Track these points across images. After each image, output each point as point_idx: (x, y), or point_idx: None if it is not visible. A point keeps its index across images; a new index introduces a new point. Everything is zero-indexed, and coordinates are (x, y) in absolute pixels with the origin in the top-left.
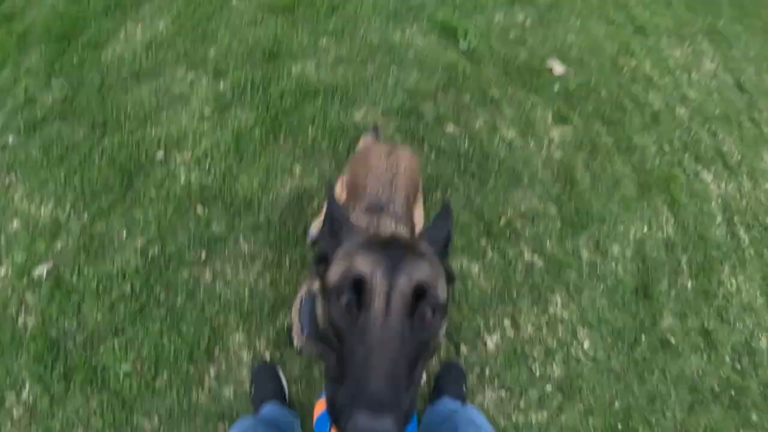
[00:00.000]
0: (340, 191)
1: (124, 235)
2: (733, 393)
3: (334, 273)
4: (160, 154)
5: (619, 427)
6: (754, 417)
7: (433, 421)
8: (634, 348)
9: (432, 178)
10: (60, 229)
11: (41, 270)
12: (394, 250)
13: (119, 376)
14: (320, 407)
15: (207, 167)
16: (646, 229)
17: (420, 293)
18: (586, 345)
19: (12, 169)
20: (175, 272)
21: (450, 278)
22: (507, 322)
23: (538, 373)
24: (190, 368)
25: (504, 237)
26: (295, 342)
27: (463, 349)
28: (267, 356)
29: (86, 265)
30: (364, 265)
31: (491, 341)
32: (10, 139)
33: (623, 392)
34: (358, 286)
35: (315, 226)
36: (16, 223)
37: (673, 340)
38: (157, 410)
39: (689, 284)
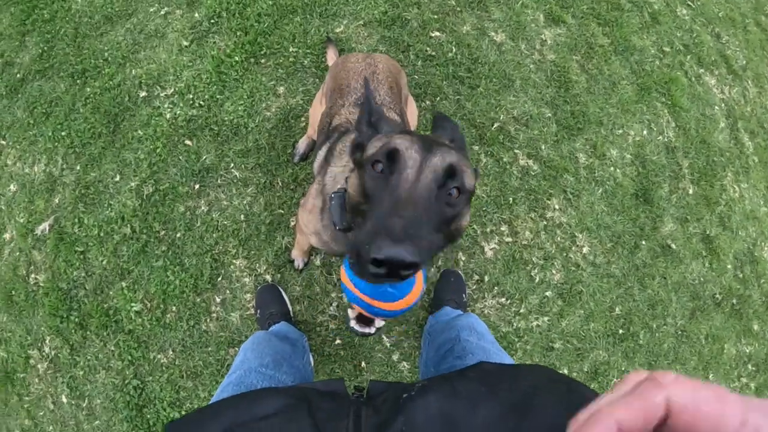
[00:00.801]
0: (319, 102)
1: (118, 178)
2: (734, 301)
3: (371, 149)
4: (143, 93)
5: (620, 332)
6: (755, 326)
7: (434, 329)
8: (634, 253)
9: (420, 86)
10: (55, 183)
11: (43, 227)
12: (427, 139)
13: (131, 316)
14: (344, 274)
15: (191, 100)
16: (645, 133)
17: (450, 173)
18: (585, 250)
19: (1, 135)
20: (171, 207)
21: (476, 173)
22: (504, 228)
23: (537, 279)
24: (197, 299)
25: (497, 142)
26: (294, 259)
27: (461, 256)
28: (268, 278)
29: (85, 214)
30: (401, 142)
31: (489, 248)
32: None
33: (624, 297)
34: (393, 156)
35: (301, 142)
36: (13, 187)
37: (674, 246)
38: (170, 344)
39: (691, 190)
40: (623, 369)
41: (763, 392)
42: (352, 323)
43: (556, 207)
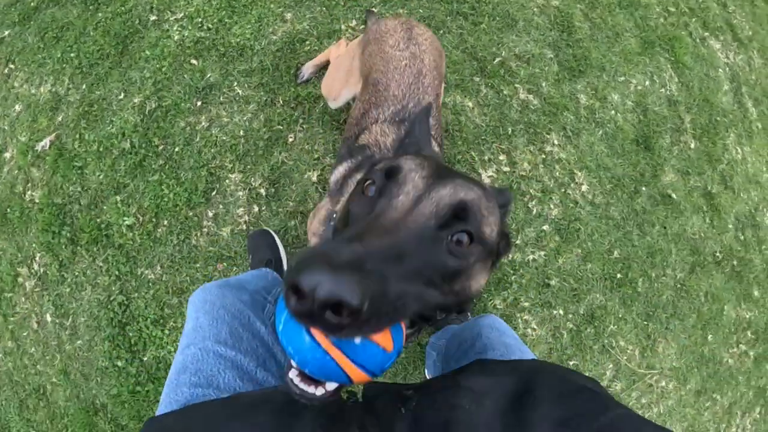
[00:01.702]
0: (345, 71)
1: (122, 96)
2: (735, 263)
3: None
4: (153, 17)
5: (618, 276)
6: (755, 293)
7: (454, 330)
8: (634, 198)
9: (424, 19)
10: (60, 102)
11: (44, 143)
12: (448, 169)
13: (122, 230)
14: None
15: (200, 23)
16: (647, 83)
17: (460, 213)
18: (584, 188)
19: (10, 59)
20: (171, 123)
21: (506, 241)
22: (502, 158)
23: (534, 211)
24: (189, 213)
25: (498, 76)
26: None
27: None
28: (262, 192)
29: (87, 130)
30: (407, 162)
31: (486, 175)
32: (6, 33)
33: (622, 241)
34: (390, 175)
35: (308, 66)
36: (18, 107)
37: (674, 196)
38: (159, 259)
39: (692, 144)
40: (620, 316)
41: (761, 363)
42: (292, 374)
43: (555, 142)
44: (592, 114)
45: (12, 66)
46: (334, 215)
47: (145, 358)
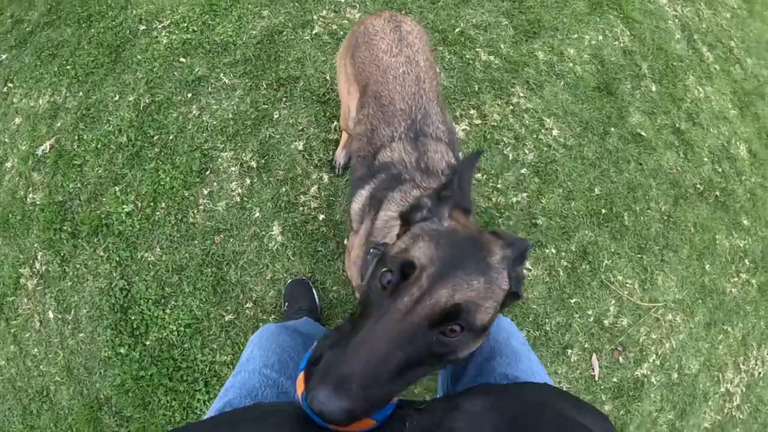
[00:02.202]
0: (346, 90)
1: (117, 97)
2: (718, 194)
3: (398, 246)
4: (142, 27)
5: (603, 211)
6: (745, 221)
7: None
8: (605, 138)
9: (385, 4)
10: (58, 110)
11: (44, 147)
12: (461, 251)
13: (122, 217)
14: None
15: (185, 27)
16: (601, 38)
17: (451, 315)
18: (555, 132)
19: (8, 79)
20: (165, 115)
21: (515, 296)
22: (473, 112)
23: (511, 157)
24: (185, 193)
25: (459, 43)
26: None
27: None
28: (253, 165)
29: (85, 131)
30: (421, 254)
31: (460, 129)
32: (4, 56)
33: (601, 179)
34: (406, 271)
35: (339, 152)
36: (17, 120)
37: (644, 134)
38: (158, 241)
39: (654, 87)
40: (613, 251)
41: (765, 292)
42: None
43: (521, 95)
44: (552, 68)
45: (11, 85)
46: (370, 250)
47: (148, 342)
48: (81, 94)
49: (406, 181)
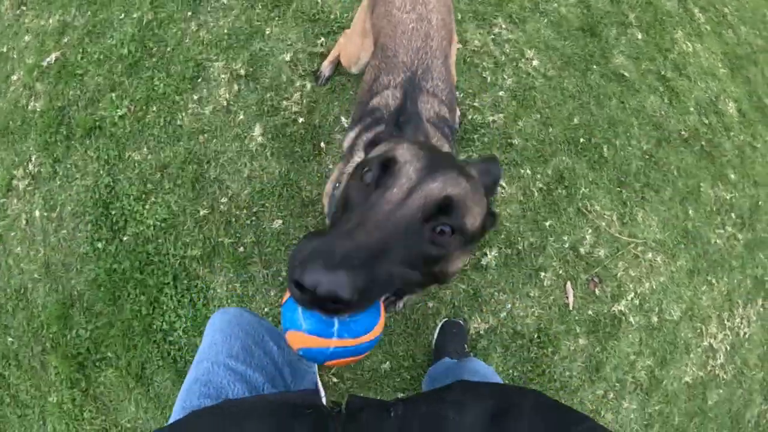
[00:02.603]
0: (359, 33)
1: (123, 16)
2: (704, 143)
3: (375, 152)
4: None
5: (581, 140)
6: (732, 175)
7: (436, 373)
8: (586, 74)
9: None
10: (66, 27)
11: (50, 58)
12: (441, 159)
13: (115, 120)
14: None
15: None
16: None
17: (445, 208)
18: (535, 62)
19: (22, 3)
20: (165, 30)
21: (492, 219)
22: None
23: (489, 80)
24: (177, 98)
25: None
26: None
27: None
28: (242, 73)
29: (89, 45)
30: (403, 153)
31: None
32: None
33: (580, 110)
34: (387, 167)
35: (324, 65)
36: (27, 38)
37: (627, 75)
38: (146, 142)
39: (639, 35)
40: (590, 180)
41: (754, 251)
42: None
43: (503, 26)
44: (536, 5)
45: (24, 7)
46: (341, 180)
47: (125, 238)
48: (89, 13)
49: (381, 123)
